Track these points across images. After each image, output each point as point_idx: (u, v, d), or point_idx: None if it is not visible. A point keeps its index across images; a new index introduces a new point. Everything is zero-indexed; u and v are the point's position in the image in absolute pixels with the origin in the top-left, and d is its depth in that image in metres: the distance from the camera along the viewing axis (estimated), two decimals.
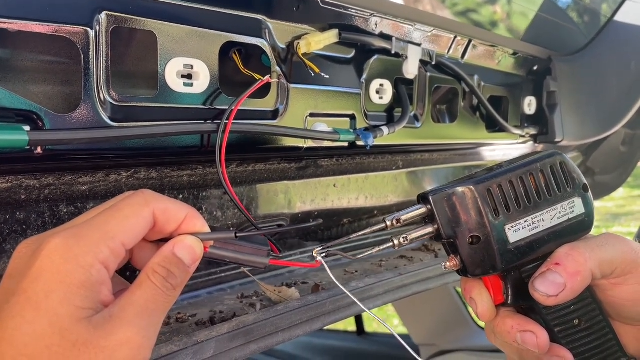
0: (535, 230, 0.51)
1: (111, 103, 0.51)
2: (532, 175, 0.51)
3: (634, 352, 0.55)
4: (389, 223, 0.50)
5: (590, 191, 0.54)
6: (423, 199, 0.51)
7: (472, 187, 0.49)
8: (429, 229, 0.51)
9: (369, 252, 0.51)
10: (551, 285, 0.50)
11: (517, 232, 0.50)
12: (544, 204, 0.51)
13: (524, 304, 0.53)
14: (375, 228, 0.51)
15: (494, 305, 0.53)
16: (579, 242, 0.52)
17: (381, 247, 0.51)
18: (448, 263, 0.51)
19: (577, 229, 0.53)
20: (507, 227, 0.50)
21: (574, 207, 0.53)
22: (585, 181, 0.54)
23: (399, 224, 0.50)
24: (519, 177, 0.51)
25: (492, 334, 0.56)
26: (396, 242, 0.50)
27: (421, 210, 0.51)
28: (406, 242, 0.50)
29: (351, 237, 0.52)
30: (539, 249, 0.51)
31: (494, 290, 0.53)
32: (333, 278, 0.52)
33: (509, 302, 0.52)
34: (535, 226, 0.51)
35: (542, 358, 0.52)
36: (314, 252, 0.51)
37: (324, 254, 0.51)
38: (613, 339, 0.54)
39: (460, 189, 0.50)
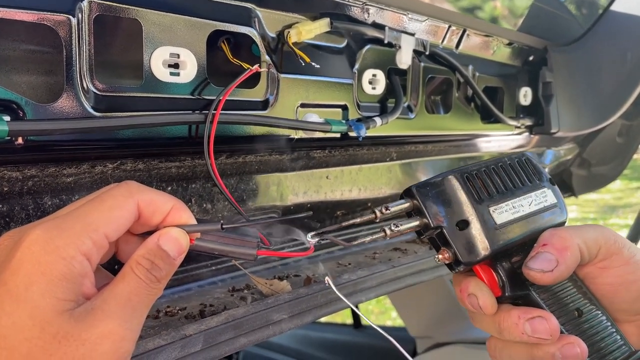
0: (517, 214, 0.53)
1: (95, 93, 0.50)
2: (502, 168, 0.55)
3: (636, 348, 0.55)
4: (378, 213, 0.51)
5: (556, 185, 0.59)
6: (407, 193, 0.53)
7: (451, 176, 0.52)
8: (416, 222, 0.52)
9: (360, 241, 0.52)
10: (544, 262, 0.51)
11: (501, 214, 0.53)
12: (519, 192, 0.55)
13: (521, 292, 0.53)
14: (364, 218, 0.52)
15: (494, 297, 0.53)
16: (560, 227, 0.55)
17: (373, 237, 0.51)
18: (440, 256, 0.52)
19: (553, 216, 0.56)
20: (491, 209, 0.52)
21: (546, 196, 0.56)
22: (550, 177, 0.59)
23: (387, 212, 0.51)
24: (491, 168, 0.55)
25: (496, 346, 0.55)
26: (388, 232, 0.51)
27: (405, 205, 0.52)
28: (397, 230, 0.51)
29: (342, 224, 0.53)
30: (524, 230, 0.53)
31: (490, 285, 0.53)
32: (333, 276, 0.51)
33: (507, 293, 0.53)
34: (516, 210, 0.54)
35: (554, 352, 0.51)
36: (308, 235, 0.51)
37: (317, 240, 0.51)
38: (616, 332, 0.54)
39: (441, 179, 0.52)
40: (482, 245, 0.51)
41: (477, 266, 0.53)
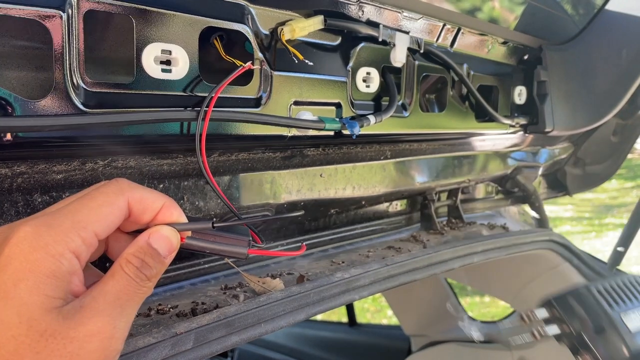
0: None
1: (85, 89, 0.50)
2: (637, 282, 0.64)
3: None
4: (524, 316, 0.61)
5: None
6: (548, 304, 0.61)
7: (585, 288, 0.60)
8: (557, 330, 0.60)
9: (522, 342, 0.66)
10: None
11: (632, 321, 0.60)
12: None
13: None
14: (516, 322, 0.65)
15: None
16: None
17: (523, 338, 0.63)
18: (580, 358, 0.60)
19: None
20: (623, 316, 0.59)
21: None
22: None
23: (534, 317, 0.61)
24: (626, 281, 0.63)
25: None
26: (537, 335, 0.60)
27: (547, 314, 0.61)
28: (544, 335, 0.60)
29: None
30: None
31: None
32: None
33: None
34: None
35: None
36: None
37: None
38: None
39: (578, 290, 0.60)
40: (620, 350, 0.56)
41: None
